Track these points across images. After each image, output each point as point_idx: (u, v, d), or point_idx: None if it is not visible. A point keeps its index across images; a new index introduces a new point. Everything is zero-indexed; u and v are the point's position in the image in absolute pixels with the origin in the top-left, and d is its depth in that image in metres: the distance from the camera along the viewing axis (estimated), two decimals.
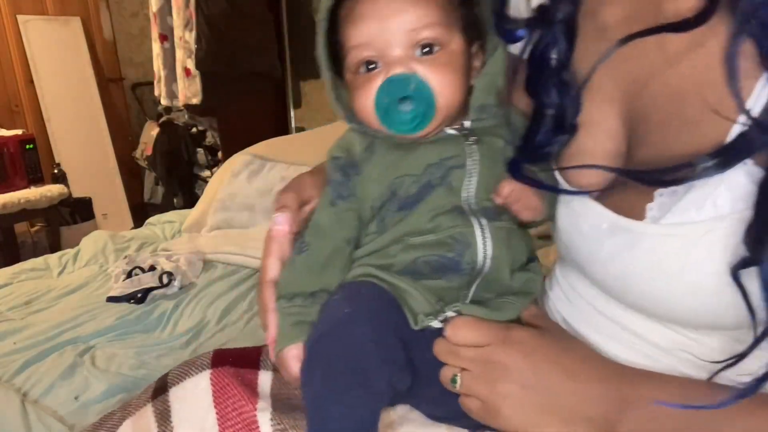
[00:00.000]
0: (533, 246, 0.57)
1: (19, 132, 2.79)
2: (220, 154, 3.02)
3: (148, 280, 1.29)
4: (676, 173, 0.42)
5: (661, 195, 0.44)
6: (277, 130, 2.78)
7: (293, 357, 0.50)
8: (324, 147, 0.58)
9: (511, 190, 0.52)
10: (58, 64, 3.31)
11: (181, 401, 0.57)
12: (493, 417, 0.48)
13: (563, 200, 0.53)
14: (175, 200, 3.32)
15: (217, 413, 0.55)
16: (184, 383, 0.58)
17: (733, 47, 0.39)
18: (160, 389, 0.59)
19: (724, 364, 0.43)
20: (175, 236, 1.82)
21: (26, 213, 2.59)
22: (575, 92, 0.50)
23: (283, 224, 0.53)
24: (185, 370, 0.59)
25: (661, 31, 0.42)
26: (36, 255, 1.80)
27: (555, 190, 0.53)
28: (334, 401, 0.45)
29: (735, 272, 0.40)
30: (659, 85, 0.46)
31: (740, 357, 0.42)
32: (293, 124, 2.96)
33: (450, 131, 0.54)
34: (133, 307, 1.21)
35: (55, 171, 2.93)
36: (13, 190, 2.58)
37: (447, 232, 0.51)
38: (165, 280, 1.29)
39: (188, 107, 2.67)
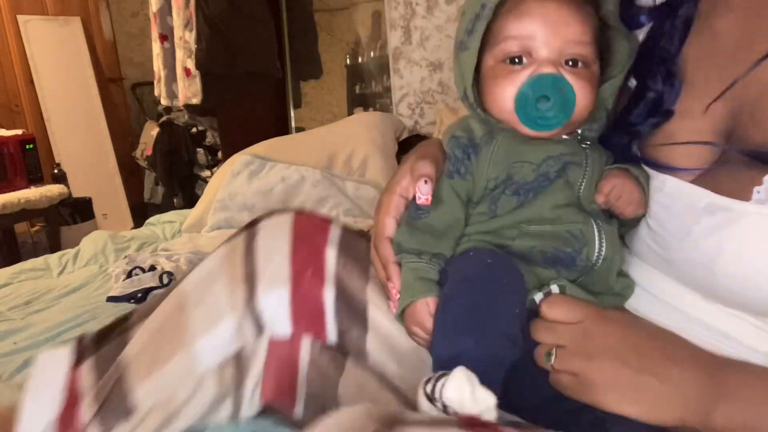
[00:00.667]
0: None
1: (19, 132, 2.79)
2: (220, 154, 3.03)
3: (149, 280, 1.29)
4: None
5: None
6: (277, 130, 2.78)
7: (425, 311, 0.53)
8: (324, 147, 0.59)
9: (612, 187, 0.54)
10: (58, 64, 3.31)
11: (266, 229, 0.66)
12: (588, 392, 0.48)
13: (655, 186, 0.55)
14: (175, 200, 3.32)
15: (293, 236, 0.64)
16: (273, 217, 0.68)
17: None
18: (254, 222, 0.68)
19: None
20: (175, 236, 1.82)
21: (26, 213, 2.59)
22: (678, 84, 0.54)
23: (427, 194, 0.56)
24: (273, 211, 0.69)
25: None
26: (36, 255, 1.80)
27: (660, 168, 0.55)
28: (467, 333, 0.47)
29: None
30: (757, 88, 0.49)
31: None
32: (293, 124, 2.97)
33: (565, 136, 0.57)
34: (134, 306, 1.21)
35: (55, 171, 2.93)
36: (13, 190, 2.58)
37: (566, 226, 0.53)
38: (165, 279, 1.29)
39: (188, 107, 2.67)
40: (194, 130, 3.24)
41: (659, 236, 0.54)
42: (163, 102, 2.78)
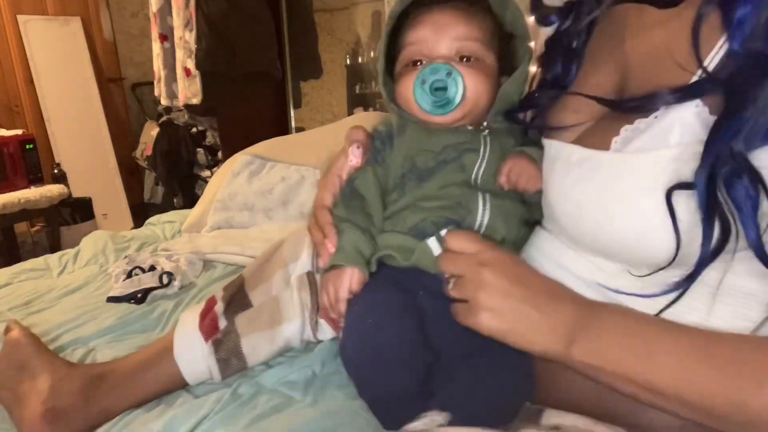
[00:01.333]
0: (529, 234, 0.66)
1: (19, 132, 2.79)
2: (220, 154, 3.03)
3: (149, 280, 1.28)
4: (641, 102, 0.50)
5: (626, 130, 0.52)
6: (277, 130, 2.78)
7: (347, 280, 0.61)
8: (324, 147, 0.63)
9: (509, 168, 0.62)
10: (58, 64, 3.31)
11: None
12: (473, 315, 0.53)
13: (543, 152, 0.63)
14: (175, 200, 3.32)
15: None
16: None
17: (700, 15, 0.48)
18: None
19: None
20: (175, 236, 1.82)
21: (26, 213, 2.59)
22: (576, 64, 0.62)
23: (358, 157, 0.66)
24: None
25: (645, 2, 0.52)
26: (36, 255, 1.80)
27: (542, 127, 0.63)
28: (370, 387, 0.59)
29: (669, 194, 0.46)
30: (641, 45, 0.55)
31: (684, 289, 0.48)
32: (293, 124, 2.97)
33: (469, 127, 0.65)
34: (134, 307, 1.21)
35: (55, 171, 2.93)
36: (13, 190, 2.58)
37: (454, 200, 0.61)
38: (165, 280, 1.29)
39: (188, 107, 2.67)
40: (194, 130, 3.24)
41: (546, 197, 0.60)
42: (163, 102, 2.78)
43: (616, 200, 0.50)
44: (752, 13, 0.44)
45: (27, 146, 2.71)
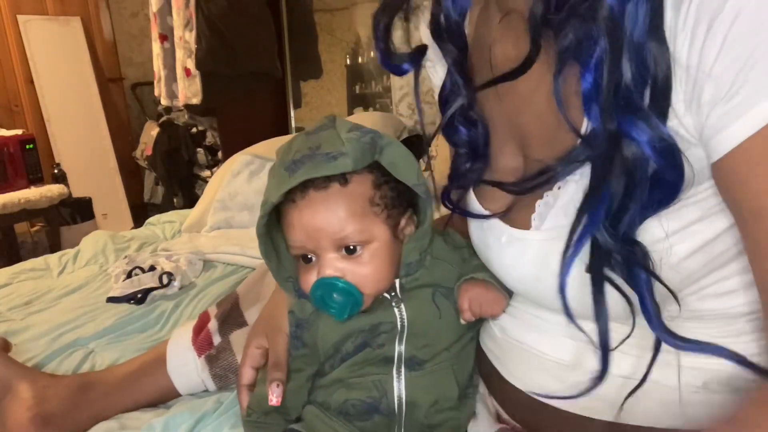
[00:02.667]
0: (471, 380, 0.64)
1: (19, 132, 2.80)
2: (220, 154, 3.03)
3: (148, 280, 1.28)
4: (536, 180, 0.48)
5: (539, 206, 0.50)
6: (277, 130, 2.78)
7: None
8: None
9: (469, 301, 0.59)
10: (58, 64, 3.32)
11: None
12: None
13: (477, 221, 0.60)
14: (175, 200, 3.32)
15: None
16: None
17: (557, 82, 0.44)
18: None
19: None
20: (175, 236, 1.82)
21: (26, 213, 2.59)
22: (482, 126, 0.57)
23: (279, 396, 0.62)
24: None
25: (497, 82, 0.48)
26: (36, 255, 1.80)
27: (469, 215, 0.60)
28: None
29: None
30: (524, 119, 0.54)
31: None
32: (293, 124, 2.96)
33: (385, 294, 0.61)
34: (133, 307, 1.21)
35: (55, 171, 2.93)
36: (13, 190, 2.59)
37: (370, 379, 0.59)
38: (165, 280, 1.29)
39: (188, 107, 2.67)
40: (194, 130, 3.24)
41: (489, 265, 0.60)
42: (163, 102, 2.78)
43: (553, 276, 0.48)
44: (596, 85, 0.40)
45: (27, 146, 2.71)
